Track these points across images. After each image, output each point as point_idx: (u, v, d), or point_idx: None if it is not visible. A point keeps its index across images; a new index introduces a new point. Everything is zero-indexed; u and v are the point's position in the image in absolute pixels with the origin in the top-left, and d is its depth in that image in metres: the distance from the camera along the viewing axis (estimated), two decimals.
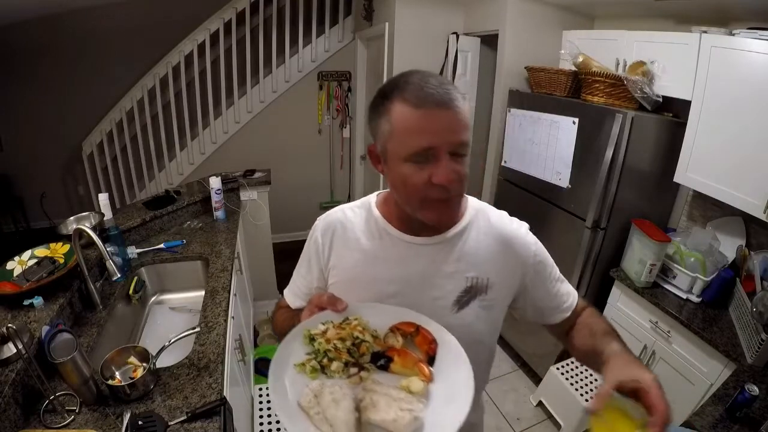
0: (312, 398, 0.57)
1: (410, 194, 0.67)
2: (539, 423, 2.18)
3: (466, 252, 0.76)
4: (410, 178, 0.65)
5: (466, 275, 0.75)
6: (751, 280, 1.61)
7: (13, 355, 1.01)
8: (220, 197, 2.23)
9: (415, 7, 2.75)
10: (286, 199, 3.69)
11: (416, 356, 0.63)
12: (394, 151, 0.66)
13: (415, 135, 0.63)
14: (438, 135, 0.62)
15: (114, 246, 1.61)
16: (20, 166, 3.85)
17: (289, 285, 0.91)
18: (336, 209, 0.85)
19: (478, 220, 0.79)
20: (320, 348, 0.62)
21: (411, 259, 0.76)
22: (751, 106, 1.50)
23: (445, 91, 0.62)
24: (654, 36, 1.85)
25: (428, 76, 0.64)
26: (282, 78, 3.61)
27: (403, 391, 0.59)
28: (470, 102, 0.67)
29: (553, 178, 2.13)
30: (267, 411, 1.88)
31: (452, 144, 0.63)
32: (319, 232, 0.83)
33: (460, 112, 0.63)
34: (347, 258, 0.79)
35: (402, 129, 0.64)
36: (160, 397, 1.09)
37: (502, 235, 0.78)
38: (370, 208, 0.82)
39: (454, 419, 0.54)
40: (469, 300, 0.75)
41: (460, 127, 0.63)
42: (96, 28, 3.52)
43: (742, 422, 1.19)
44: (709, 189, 1.68)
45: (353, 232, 0.80)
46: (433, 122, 0.62)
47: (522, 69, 2.44)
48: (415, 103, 0.62)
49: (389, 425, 0.54)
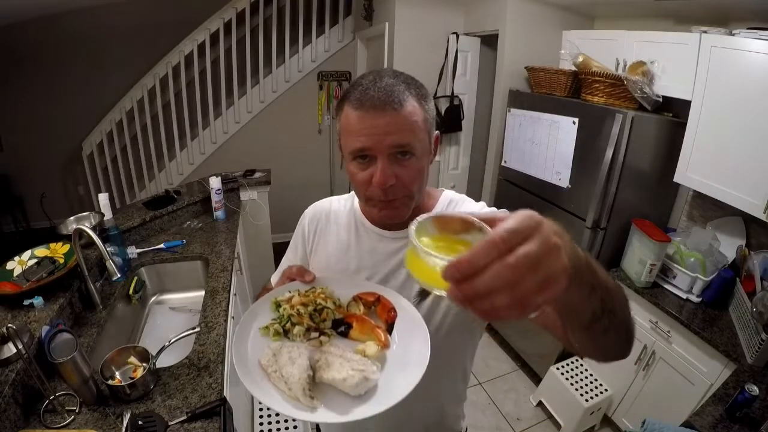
0: (271, 357, 0.60)
1: (357, 190, 0.72)
2: (539, 423, 2.18)
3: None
4: (355, 176, 0.69)
5: None
6: (751, 280, 1.61)
7: (13, 355, 1.01)
8: (220, 197, 2.23)
9: (415, 7, 2.75)
10: (286, 199, 3.68)
11: (374, 324, 0.65)
12: (344, 148, 0.70)
13: (353, 136, 0.65)
14: (371, 137, 0.64)
15: (114, 246, 1.61)
16: (20, 166, 3.85)
17: (277, 270, 0.95)
18: (325, 199, 0.90)
19: (450, 210, 0.80)
20: (284, 313, 0.66)
21: (379, 251, 0.79)
22: (751, 106, 1.50)
23: (388, 92, 0.63)
24: (654, 36, 1.85)
25: (382, 77, 0.65)
26: (282, 78, 3.61)
27: (359, 354, 0.61)
28: (429, 103, 0.68)
29: (553, 178, 2.13)
30: (267, 411, 1.88)
31: (388, 146, 0.64)
32: (306, 220, 0.88)
33: (400, 114, 0.63)
34: (326, 246, 0.84)
35: (344, 130, 0.68)
36: (160, 397, 1.09)
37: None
38: (353, 200, 0.85)
39: (407, 383, 0.55)
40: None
41: (397, 130, 0.63)
42: (96, 28, 3.51)
43: (742, 422, 1.19)
44: (709, 189, 1.68)
45: (335, 222, 0.85)
46: (367, 124, 0.63)
47: (522, 69, 2.44)
48: (355, 106, 0.64)
49: (339, 383, 0.56)
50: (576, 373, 2.12)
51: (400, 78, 0.67)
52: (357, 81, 0.68)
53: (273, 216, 2.82)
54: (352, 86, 0.68)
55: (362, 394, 0.56)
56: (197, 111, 3.50)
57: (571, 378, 2.09)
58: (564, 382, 2.07)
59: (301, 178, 3.98)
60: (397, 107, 0.63)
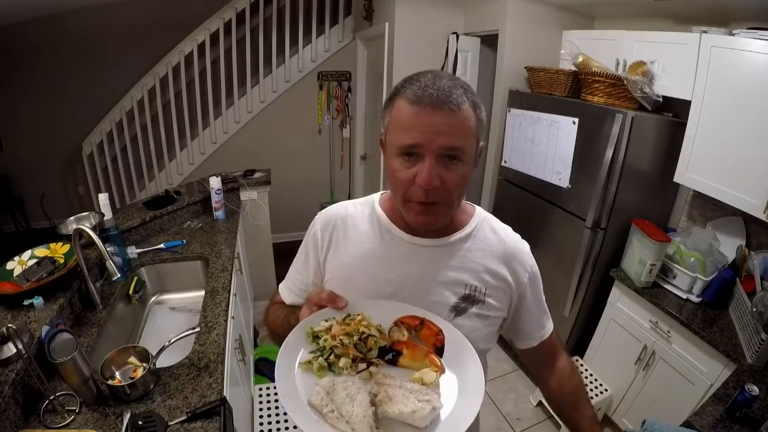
0: (324, 396, 0.55)
1: (396, 189, 0.68)
2: (539, 423, 2.18)
3: (468, 259, 0.75)
4: (397, 172, 0.66)
5: (466, 282, 0.74)
6: (751, 280, 1.61)
7: (13, 355, 1.01)
8: (220, 197, 2.23)
9: (415, 7, 2.75)
10: (286, 199, 3.68)
11: (425, 348, 0.62)
12: (389, 143, 0.68)
13: (404, 130, 0.63)
14: (424, 134, 0.62)
15: (114, 246, 1.61)
16: (20, 166, 3.85)
17: (285, 280, 0.90)
18: (338, 204, 0.84)
19: (483, 229, 0.78)
20: (326, 345, 0.61)
21: (411, 260, 0.75)
22: (751, 105, 1.50)
23: (447, 93, 0.61)
24: (654, 36, 1.85)
25: (440, 78, 0.64)
26: (282, 78, 3.61)
27: (416, 382, 0.58)
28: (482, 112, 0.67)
29: (553, 178, 2.13)
30: (267, 411, 1.88)
31: (439, 146, 0.62)
32: (318, 226, 0.82)
33: (456, 116, 0.62)
34: (346, 254, 0.78)
35: (396, 123, 0.65)
36: (160, 397, 1.09)
37: (505, 247, 0.78)
38: (373, 205, 0.81)
39: (469, 409, 0.54)
40: (467, 308, 0.74)
41: (451, 131, 0.62)
42: (96, 28, 3.51)
43: (742, 422, 1.19)
44: (709, 189, 1.68)
45: (354, 228, 0.79)
46: (422, 121, 0.62)
47: (522, 69, 2.44)
48: (412, 100, 0.63)
49: (408, 417, 0.53)
50: None
51: (458, 82, 0.65)
52: (414, 77, 0.66)
53: (273, 216, 2.82)
54: (408, 81, 0.66)
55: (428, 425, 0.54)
56: (197, 111, 3.50)
57: None
58: None
59: (301, 178, 3.98)
60: (454, 108, 0.61)
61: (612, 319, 2.01)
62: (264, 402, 1.92)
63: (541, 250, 2.30)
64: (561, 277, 2.14)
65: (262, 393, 1.96)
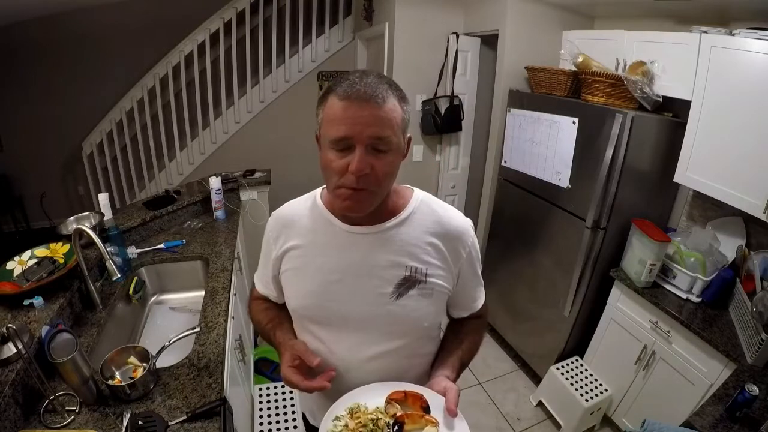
0: None
1: (329, 178, 0.73)
2: (539, 423, 2.18)
3: (406, 242, 0.80)
4: (331, 163, 0.70)
5: (406, 264, 0.79)
6: (751, 280, 1.61)
7: (13, 355, 1.01)
8: (220, 197, 2.23)
9: (415, 7, 2.75)
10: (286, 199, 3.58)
11: (417, 412, 0.75)
12: (323, 136, 0.73)
13: (335, 124, 0.68)
14: (354, 126, 0.67)
15: (114, 246, 1.61)
16: (20, 166, 3.85)
17: (257, 271, 0.99)
18: (286, 204, 0.92)
19: (420, 212, 0.82)
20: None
21: (351, 248, 0.80)
22: (751, 105, 1.50)
23: (373, 88, 0.67)
24: (654, 36, 1.85)
25: (367, 75, 0.70)
26: (282, 78, 3.62)
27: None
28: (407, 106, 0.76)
29: (553, 178, 2.13)
30: (267, 411, 1.88)
31: (368, 137, 0.67)
32: (269, 227, 0.90)
33: (382, 108, 0.67)
34: (295, 248, 0.84)
35: (327, 118, 0.70)
36: (160, 397, 1.09)
37: (446, 226, 0.82)
38: (315, 199, 0.87)
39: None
40: (408, 288, 0.79)
41: (378, 122, 0.67)
42: (96, 28, 3.52)
43: (742, 422, 1.19)
44: (709, 189, 1.68)
45: (300, 223, 0.86)
46: (350, 114, 0.67)
47: (522, 69, 2.44)
48: (341, 96, 0.68)
49: None
50: (576, 373, 2.12)
51: (384, 79, 0.71)
52: (343, 76, 0.71)
53: None
54: (338, 80, 0.71)
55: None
56: (197, 111, 3.50)
57: (571, 378, 2.09)
58: (564, 382, 2.07)
59: (301, 178, 3.95)
60: (380, 102, 0.67)
61: (612, 319, 2.01)
62: (264, 402, 1.92)
63: (541, 250, 2.30)
64: (561, 277, 2.14)
65: (262, 393, 1.96)
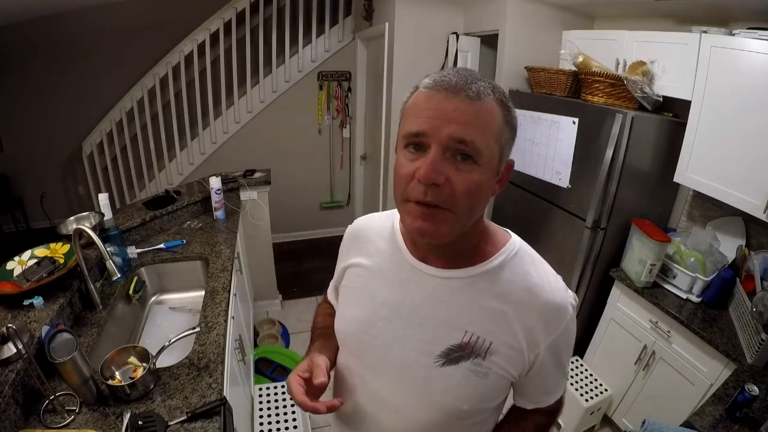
0: None
1: (395, 188, 0.58)
2: None
3: (476, 301, 0.62)
4: (400, 168, 0.57)
5: (466, 329, 0.62)
6: (751, 280, 1.61)
7: (13, 355, 1.01)
8: (220, 197, 2.23)
9: (415, 7, 2.75)
10: (286, 199, 3.68)
11: None
12: (399, 135, 0.59)
13: (413, 116, 0.55)
14: (432, 120, 0.53)
15: (114, 246, 1.61)
16: (20, 166, 3.85)
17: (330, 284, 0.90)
18: (368, 215, 0.82)
19: (510, 268, 0.64)
20: None
21: (411, 286, 0.66)
22: (751, 105, 1.50)
23: (468, 81, 0.53)
24: (654, 36, 1.85)
25: (466, 70, 0.57)
26: (282, 78, 3.61)
27: None
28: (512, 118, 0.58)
29: (553, 178, 2.13)
30: (267, 411, 1.88)
31: (448, 136, 0.52)
32: (345, 236, 0.82)
33: (473, 105, 0.52)
34: (358, 266, 0.75)
35: (406, 113, 0.58)
36: (160, 397, 1.09)
37: (537, 297, 0.62)
38: (393, 218, 0.73)
39: None
40: (460, 359, 0.63)
41: (464, 120, 0.52)
42: (95, 28, 3.51)
43: (742, 422, 1.19)
44: (709, 189, 1.68)
45: (373, 241, 0.74)
46: (432, 105, 0.53)
47: (522, 69, 2.44)
48: (427, 85, 0.56)
49: None
50: (576, 373, 2.12)
51: (487, 79, 0.57)
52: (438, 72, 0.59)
53: (273, 216, 2.82)
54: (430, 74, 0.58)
55: None
56: (197, 111, 3.50)
57: (571, 378, 2.09)
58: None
59: (301, 178, 3.98)
60: (472, 96, 0.52)
61: (612, 319, 2.01)
62: (264, 402, 1.92)
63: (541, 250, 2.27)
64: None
65: (262, 393, 1.96)
